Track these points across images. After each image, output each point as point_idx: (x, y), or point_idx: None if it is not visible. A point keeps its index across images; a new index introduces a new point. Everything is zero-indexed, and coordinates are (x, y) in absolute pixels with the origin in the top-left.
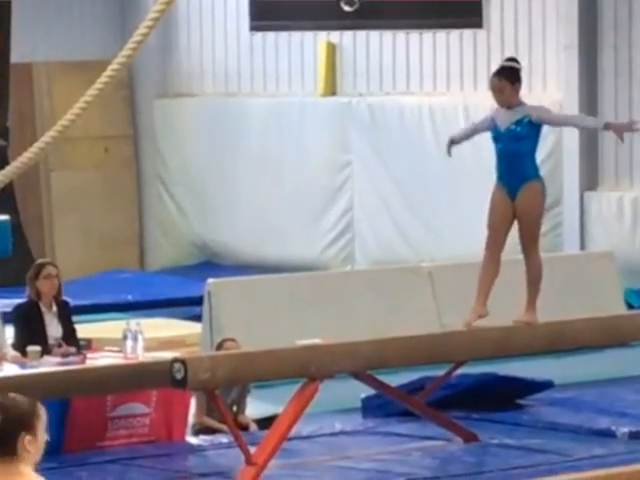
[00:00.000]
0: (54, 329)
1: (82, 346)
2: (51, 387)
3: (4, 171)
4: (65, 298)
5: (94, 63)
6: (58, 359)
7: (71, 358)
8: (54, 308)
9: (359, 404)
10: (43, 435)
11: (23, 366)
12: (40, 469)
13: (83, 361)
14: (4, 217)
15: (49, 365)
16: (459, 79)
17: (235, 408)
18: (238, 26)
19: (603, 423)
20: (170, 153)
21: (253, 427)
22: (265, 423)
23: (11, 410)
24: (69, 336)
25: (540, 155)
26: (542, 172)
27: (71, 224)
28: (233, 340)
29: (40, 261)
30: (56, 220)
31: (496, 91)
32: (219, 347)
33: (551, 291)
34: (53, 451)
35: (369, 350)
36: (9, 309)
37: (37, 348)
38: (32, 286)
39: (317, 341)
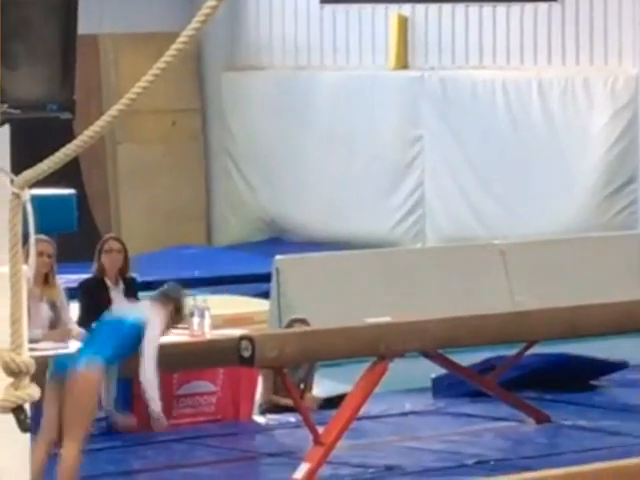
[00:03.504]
0: (120, 305)
1: None
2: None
3: (70, 145)
4: (132, 274)
5: (161, 35)
6: None
7: None
8: (120, 284)
9: (429, 384)
10: None
11: None
12: (105, 448)
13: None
14: (69, 191)
15: None
16: (533, 53)
17: (302, 386)
18: None
19: None
20: (238, 127)
21: (315, 403)
22: (333, 402)
23: None
24: None
25: (614, 132)
26: (616, 150)
27: (137, 198)
28: (304, 321)
29: (106, 237)
30: (122, 194)
31: None
32: (288, 327)
33: (626, 269)
34: (118, 430)
35: (439, 329)
36: (74, 285)
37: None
38: (97, 261)
39: (387, 319)
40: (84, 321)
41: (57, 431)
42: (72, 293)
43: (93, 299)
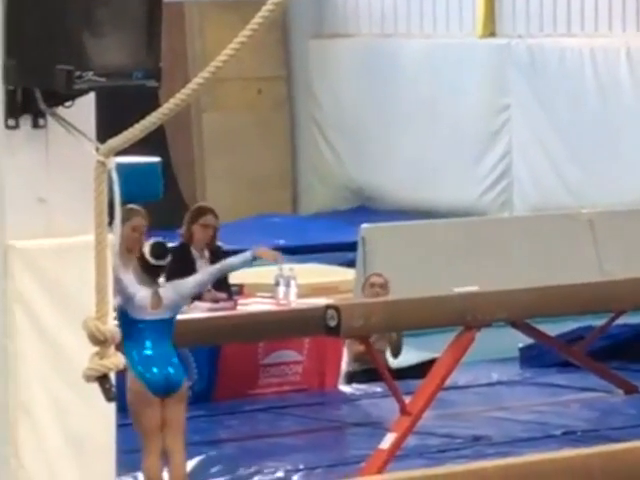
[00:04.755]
0: None
1: (233, 292)
2: (201, 334)
3: (155, 113)
4: (218, 243)
5: (247, 3)
6: (208, 305)
7: (222, 304)
8: (206, 253)
9: (517, 354)
10: None
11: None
12: (190, 417)
13: (234, 307)
14: (155, 159)
15: (199, 311)
16: (621, 20)
17: (386, 355)
18: None
19: None
20: (325, 95)
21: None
22: (418, 370)
23: None
24: (221, 282)
25: None
26: None
27: (222, 166)
28: (379, 275)
29: (202, 205)
30: (207, 162)
31: None
32: (365, 282)
33: None
34: (204, 399)
35: (527, 298)
36: None
37: None
38: (187, 228)
39: (474, 289)
40: None
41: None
42: None
43: (178, 267)
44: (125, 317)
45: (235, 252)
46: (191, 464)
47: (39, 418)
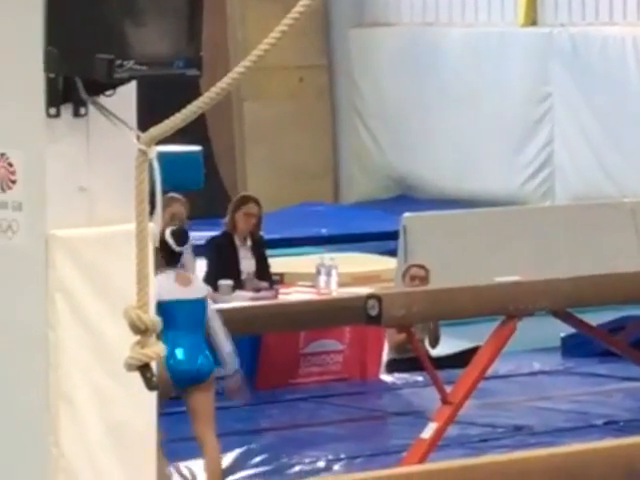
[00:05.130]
0: (247, 263)
1: (275, 281)
2: (243, 323)
3: (197, 102)
4: (261, 233)
5: None
6: (250, 294)
7: (263, 293)
8: (249, 242)
9: (558, 343)
10: None
11: (215, 301)
12: (231, 406)
13: (275, 296)
14: (196, 148)
15: (241, 300)
16: None
17: (426, 345)
18: None
19: None
20: (366, 84)
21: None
22: (458, 360)
23: None
24: (262, 271)
25: None
26: None
27: (263, 155)
28: (420, 266)
29: (245, 194)
30: (248, 151)
31: None
32: (405, 273)
33: None
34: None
35: (569, 288)
36: (201, 242)
37: (229, 282)
38: (230, 217)
39: (516, 278)
40: (211, 278)
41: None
42: (198, 250)
43: (221, 256)
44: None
45: (275, 241)
46: (232, 453)
47: (80, 407)
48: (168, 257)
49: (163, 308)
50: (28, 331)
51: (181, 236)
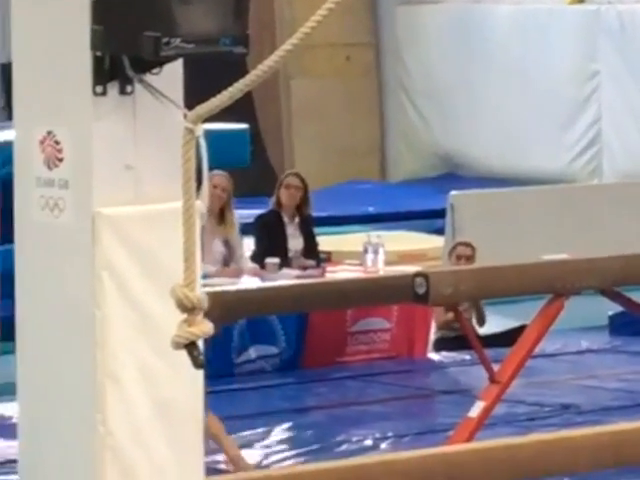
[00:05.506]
0: (295, 241)
1: (322, 259)
2: (289, 301)
3: (243, 80)
4: (308, 210)
5: None
6: (297, 272)
7: (310, 271)
8: (297, 219)
9: (606, 322)
10: None
11: (262, 279)
12: (278, 384)
13: (322, 274)
14: (243, 126)
15: (288, 278)
16: None
17: (473, 323)
18: None
19: None
20: (413, 61)
21: None
22: (505, 338)
23: None
24: (310, 249)
25: None
26: None
27: (310, 133)
28: (467, 244)
29: (289, 171)
30: (295, 129)
31: None
32: (452, 251)
33: None
34: (292, 366)
35: (617, 266)
36: (248, 220)
37: (276, 260)
38: (276, 194)
39: (563, 256)
40: (259, 256)
41: None
42: (246, 228)
43: (269, 234)
44: None
45: (322, 219)
46: (279, 431)
47: (127, 385)
48: None
49: None
50: (75, 310)
51: None
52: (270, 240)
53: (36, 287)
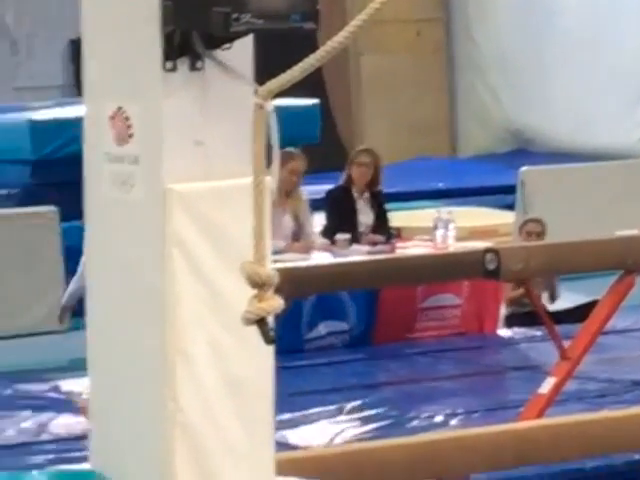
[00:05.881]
0: (365, 217)
1: (392, 235)
2: (360, 277)
3: (314, 55)
4: (379, 186)
5: None
6: (367, 248)
7: (380, 247)
8: (366, 194)
9: None
10: None
11: (334, 254)
12: (348, 360)
13: (392, 250)
14: (313, 102)
15: (358, 254)
16: None
17: (544, 299)
18: None
19: None
20: (483, 37)
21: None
22: (575, 314)
23: None
24: (380, 225)
25: None
26: None
27: (380, 109)
28: (537, 221)
29: (361, 147)
30: (365, 105)
31: None
32: (522, 227)
33: None
34: (362, 342)
35: None
36: (318, 196)
37: (346, 236)
38: (347, 171)
39: (635, 232)
40: (329, 231)
41: None
42: (316, 204)
43: (339, 209)
44: None
45: (392, 195)
46: (349, 408)
47: (197, 362)
48: None
49: None
50: (145, 286)
51: None
52: (340, 216)
53: (106, 263)
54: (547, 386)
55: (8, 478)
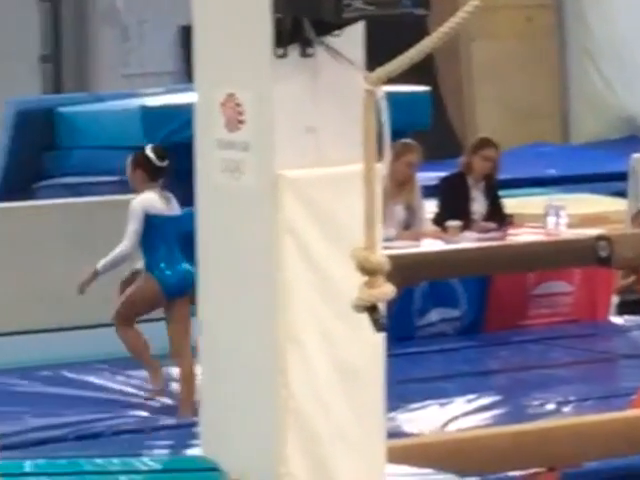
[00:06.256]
0: (479, 205)
1: (506, 222)
2: (470, 264)
3: (425, 41)
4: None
5: None
6: (478, 235)
7: (491, 234)
8: (482, 184)
9: None
10: None
11: (445, 242)
12: (460, 347)
13: (504, 237)
14: (424, 88)
15: (469, 241)
16: None
17: None
18: None
19: None
20: (596, 22)
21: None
22: None
23: None
24: (494, 212)
25: None
26: None
27: (491, 95)
28: None
29: (485, 137)
30: (476, 91)
31: None
32: (635, 216)
33: None
34: (473, 329)
35: None
36: (429, 183)
37: (457, 223)
38: (467, 158)
39: None
40: (441, 217)
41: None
42: (427, 191)
43: (453, 196)
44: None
45: (503, 181)
46: (461, 395)
47: (308, 349)
48: (153, 173)
49: (152, 221)
50: (256, 272)
51: (162, 152)
52: (454, 203)
53: (217, 249)
54: None
55: (121, 464)
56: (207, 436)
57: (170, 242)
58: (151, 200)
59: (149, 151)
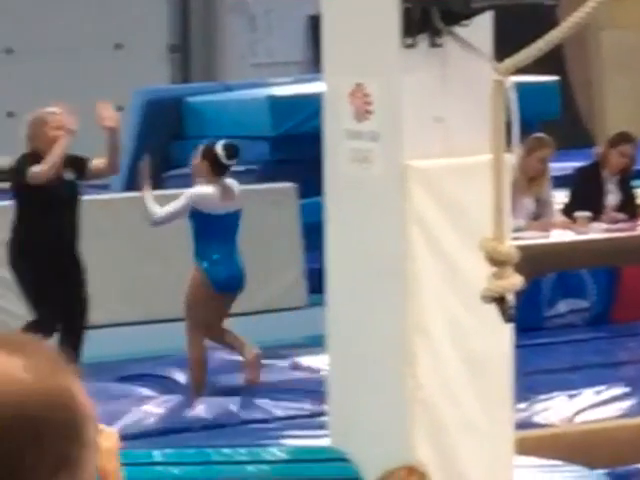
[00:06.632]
0: (612, 197)
1: (637, 214)
2: (598, 255)
3: (554, 31)
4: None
5: None
6: (606, 226)
7: (620, 225)
8: (616, 177)
9: None
10: None
11: (574, 232)
12: (590, 338)
13: (633, 228)
14: (553, 78)
15: (597, 232)
16: None
17: None
18: None
19: None
20: None
21: None
22: None
23: None
24: (627, 203)
25: None
26: None
27: (620, 85)
28: None
29: (625, 133)
30: (606, 81)
31: None
32: None
33: None
34: (602, 320)
35: None
36: (557, 173)
37: (586, 214)
38: (605, 151)
39: None
40: (572, 207)
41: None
42: (557, 181)
43: (586, 187)
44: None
45: (636, 173)
46: (591, 386)
47: (436, 339)
48: (217, 168)
49: (206, 217)
50: (385, 262)
51: (232, 150)
52: (586, 194)
53: (345, 239)
54: None
55: (248, 453)
56: (336, 426)
57: (222, 237)
58: (204, 197)
59: (219, 147)
